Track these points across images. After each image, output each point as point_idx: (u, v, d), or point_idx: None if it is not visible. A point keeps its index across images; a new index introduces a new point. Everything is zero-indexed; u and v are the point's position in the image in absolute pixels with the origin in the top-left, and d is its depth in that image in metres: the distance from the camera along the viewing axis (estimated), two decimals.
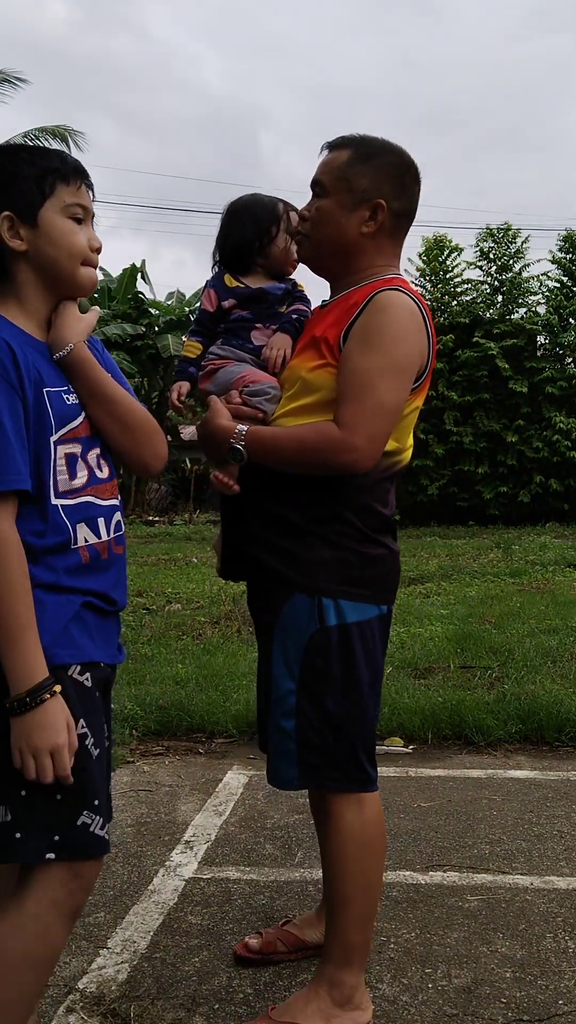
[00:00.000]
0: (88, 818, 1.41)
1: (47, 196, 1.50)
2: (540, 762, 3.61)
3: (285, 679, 1.79)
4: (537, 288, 20.80)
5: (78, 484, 1.51)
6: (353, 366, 1.73)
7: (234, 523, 1.96)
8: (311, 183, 1.90)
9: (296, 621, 1.79)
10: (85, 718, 1.44)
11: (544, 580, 8.97)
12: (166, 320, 24.08)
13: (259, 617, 1.96)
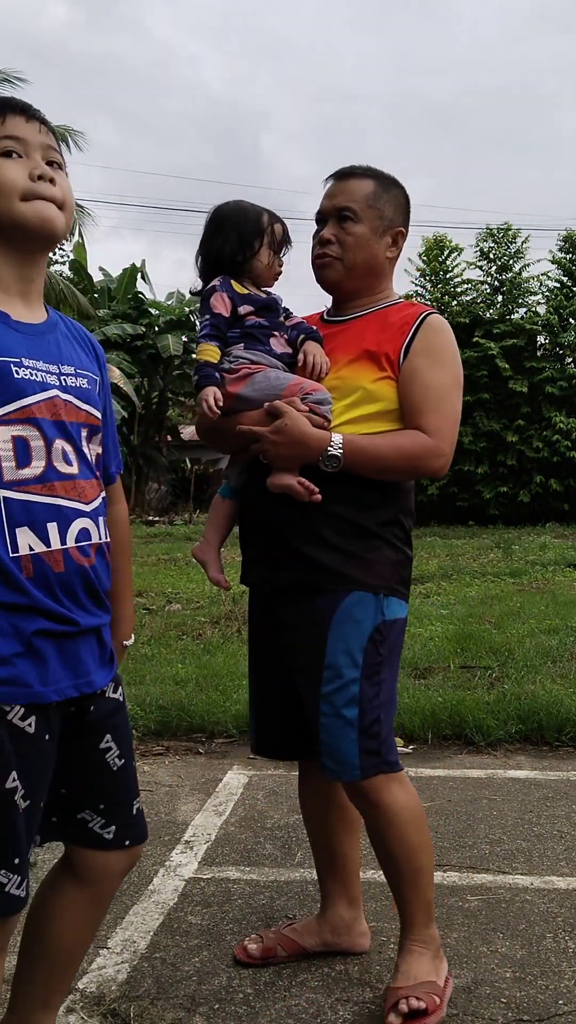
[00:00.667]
0: (5, 878, 1.29)
1: None
2: (540, 762, 3.61)
3: (349, 668, 1.86)
4: (537, 288, 20.82)
5: (28, 475, 1.32)
6: (428, 381, 1.91)
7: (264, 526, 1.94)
8: (337, 209, 2.00)
9: (361, 613, 1.88)
10: (18, 769, 1.30)
11: (544, 580, 8.97)
12: (166, 320, 24.07)
13: (296, 614, 1.91)
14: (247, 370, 1.91)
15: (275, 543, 1.92)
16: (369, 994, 1.96)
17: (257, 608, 2.06)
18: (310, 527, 1.88)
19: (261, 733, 2.10)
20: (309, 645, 1.89)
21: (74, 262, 22.56)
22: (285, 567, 1.91)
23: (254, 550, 1.99)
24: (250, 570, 2.01)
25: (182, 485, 26.92)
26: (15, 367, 1.34)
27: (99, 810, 1.49)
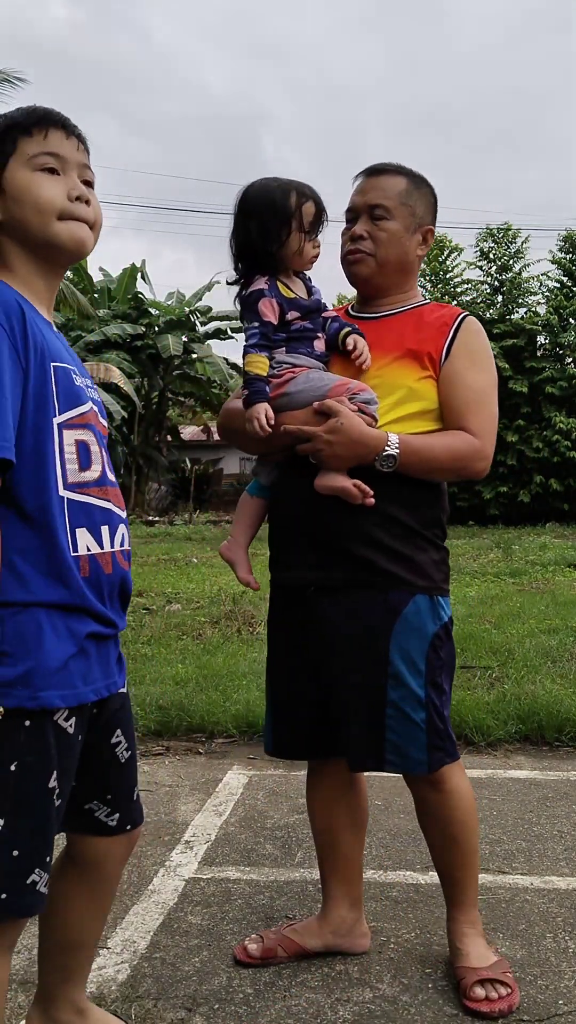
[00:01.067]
0: (38, 876, 1.32)
1: (9, 155, 1.35)
2: (540, 762, 3.61)
3: (413, 675, 1.90)
4: (537, 288, 20.84)
5: (89, 478, 1.37)
6: (471, 382, 1.94)
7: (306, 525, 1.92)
8: (370, 205, 1.99)
9: (420, 621, 1.91)
10: (59, 770, 1.33)
11: (544, 580, 8.97)
12: (166, 320, 24.07)
13: (345, 613, 1.90)
14: (290, 374, 1.88)
15: (321, 543, 1.90)
16: (369, 994, 1.96)
17: (288, 608, 2.01)
18: (360, 527, 1.87)
19: (282, 734, 2.07)
20: (365, 648, 1.89)
21: None
22: (333, 567, 1.89)
23: (293, 550, 1.96)
24: (288, 570, 1.98)
25: (182, 485, 26.93)
26: (73, 374, 1.38)
27: (106, 800, 1.54)
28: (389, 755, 1.91)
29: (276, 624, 2.08)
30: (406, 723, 1.90)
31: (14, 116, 1.39)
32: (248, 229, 1.87)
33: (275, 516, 2.01)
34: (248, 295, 1.88)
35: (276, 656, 2.08)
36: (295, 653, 2.01)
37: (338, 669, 1.93)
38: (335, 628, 1.91)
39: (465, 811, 2.00)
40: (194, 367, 24.38)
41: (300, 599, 1.96)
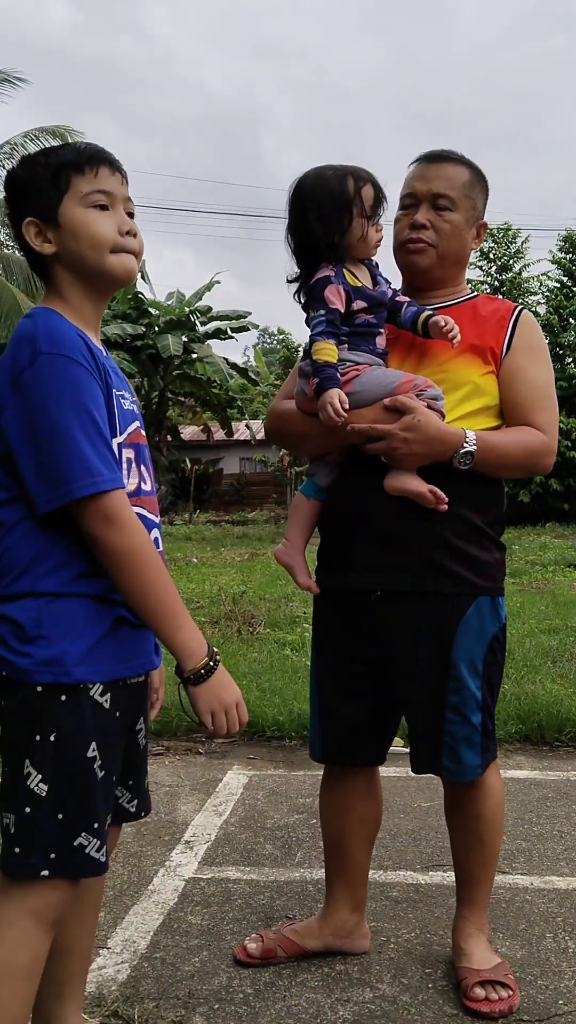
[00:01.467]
0: (85, 840, 1.40)
1: (64, 192, 1.45)
2: (540, 762, 3.62)
3: (472, 677, 1.89)
4: (537, 288, 20.83)
5: (130, 489, 1.48)
6: (533, 378, 1.93)
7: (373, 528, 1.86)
8: (435, 194, 1.93)
9: (482, 623, 1.89)
10: (97, 740, 1.41)
11: (544, 580, 8.97)
12: (166, 320, 24.07)
13: (412, 619, 1.87)
14: (354, 372, 1.82)
15: (389, 546, 1.85)
16: (369, 994, 1.96)
17: (344, 612, 1.95)
18: (431, 529, 1.83)
19: (332, 740, 2.01)
20: (427, 652, 1.87)
21: None
22: (402, 571, 1.85)
23: (357, 553, 1.89)
24: (349, 573, 1.91)
25: (182, 485, 26.93)
26: (121, 399, 1.49)
27: (128, 786, 1.62)
28: (446, 760, 1.91)
29: (327, 629, 2.00)
30: (464, 726, 1.89)
31: (66, 155, 1.48)
32: (308, 221, 1.81)
33: (335, 518, 1.94)
34: (314, 283, 1.81)
35: (327, 662, 2.00)
36: (350, 658, 1.95)
37: (399, 673, 1.91)
38: (398, 632, 1.88)
39: (495, 809, 2.01)
40: (194, 367, 24.38)
41: (360, 603, 1.90)
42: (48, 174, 1.46)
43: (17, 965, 1.37)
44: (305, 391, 1.87)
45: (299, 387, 1.92)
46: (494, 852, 2.04)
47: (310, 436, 1.91)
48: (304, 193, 1.82)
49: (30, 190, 1.47)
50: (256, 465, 28.66)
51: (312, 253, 1.84)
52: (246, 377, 24.76)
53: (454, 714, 1.89)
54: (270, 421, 2.07)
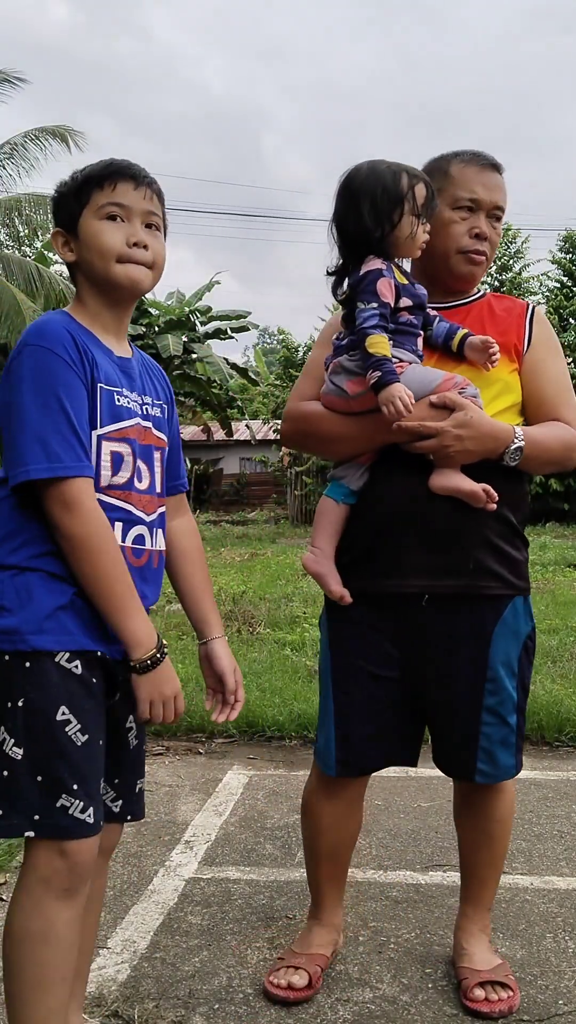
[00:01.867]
0: (67, 801, 1.44)
1: (84, 205, 1.55)
2: (540, 762, 3.62)
3: (508, 678, 1.87)
4: (537, 288, 20.83)
5: (116, 482, 1.54)
6: (555, 373, 1.93)
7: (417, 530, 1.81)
8: (495, 206, 1.96)
9: (516, 623, 1.88)
10: (67, 704, 1.46)
11: (544, 580, 8.97)
12: (166, 320, 24.07)
13: (453, 623, 1.84)
14: (399, 368, 1.77)
15: (436, 548, 1.81)
16: (369, 994, 1.96)
17: (376, 617, 1.88)
18: (476, 529, 1.81)
19: (351, 753, 1.92)
20: (467, 655, 1.84)
21: None
22: (448, 574, 1.81)
23: (402, 556, 1.82)
24: (394, 578, 1.84)
25: None
26: (117, 395, 1.55)
27: (113, 784, 1.64)
28: (481, 764, 1.88)
29: (351, 637, 1.91)
30: (502, 728, 1.87)
31: (92, 170, 1.57)
32: (359, 211, 1.78)
33: (372, 521, 1.85)
34: (364, 275, 1.77)
35: (349, 672, 1.92)
36: (379, 666, 1.89)
37: (433, 677, 1.87)
38: (437, 635, 1.85)
39: (508, 810, 2.00)
40: (194, 367, 24.38)
41: (401, 608, 1.85)
42: (73, 189, 1.57)
43: (31, 930, 1.44)
44: (346, 389, 1.81)
45: (335, 385, 1.84)
46: (503, 853, 2.04)
47: (346, 437, 1.84)
48: (358, 183, 1.80)
49: (61, 204, 1.59)
50: (256, 465, 28.66)
51: (360, 245, 1.81)
52: (246, 377, 24.76)
53: (492, 716, 1.87)
54: (292, 424, 1.97)
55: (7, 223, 13.91)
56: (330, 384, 1.86)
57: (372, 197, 1.78)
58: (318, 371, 1.94)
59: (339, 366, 1.83)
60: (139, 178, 1.57)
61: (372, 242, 1.79)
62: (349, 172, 1.83)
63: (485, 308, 1.98)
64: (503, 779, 1.92)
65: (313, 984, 1.94)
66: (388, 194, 1.77)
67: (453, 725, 1.90)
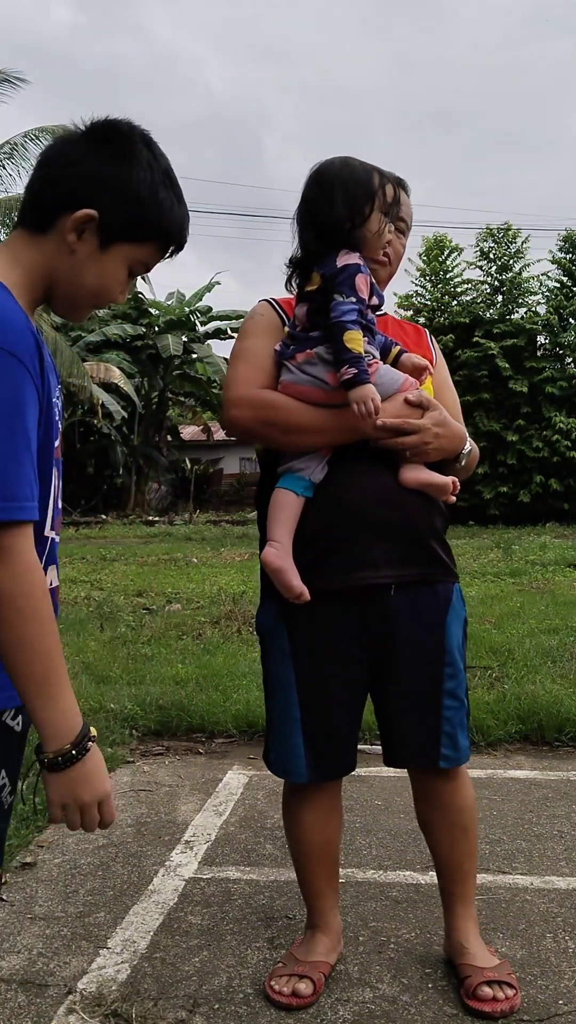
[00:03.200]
0: None
1: (132, 239, 1.30)
2: (540, 762, 3.61)
3: (460, 659, 1.96)
4: (537, 288, 20.84)
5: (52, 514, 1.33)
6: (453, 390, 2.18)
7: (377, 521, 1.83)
8: (403, 221, 2.07)
9: (459, 608, 1.98)
10: (6, 768, 1.31)
11: (544, 580, 8.97)
12: (166, 320, 24.08)
13: (412, 610, 1.88)
14: (376, 365, 1.80)
15: (398, 539, 1.85)
16: (369, 994, 1.96)
17: (336, 615, 1.86)
18: (430, 520, 1.91)
19: (322, 757, 1.92)
20: (426, 641, 1.90)
21: None
22: (409, 563, 1.87)
23: (367, 548, 1.83)
24: (361, 571, 1.83)
25: (182, 485, 26.93)
26: (57, 404, 1.32)
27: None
28: (445, 749, 1.92)
29: (312, 637, 1.89)
30: (459, 711, 1.94)
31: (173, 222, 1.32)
32: (332, 200, 1.78)
33: (334, 513, 1.83)
34: (344, 268, 1.76)
35: (312, 674, 1.89)
36: (343, 664, 1.89)
37: (399, 667, 1.90)
38: (402, 624, 1.88)
39: (471, 797, 2.04)
40: (194, 367, 24.38)
41: (365, 601, 1.85)
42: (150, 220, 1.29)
43: None
44: (327, 380, 1.79)
45: (310, 375, 1.82)
46: (476, 838, 2.06)
47: (316, 429, 1.82)
48: (332, 173, 1.81)
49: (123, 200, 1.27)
50: (256, 465, 28.67)
51: (331, 235, 1.80)
52: None
53: (452, 699, 1.92)
54: (252, 411, 1.85)
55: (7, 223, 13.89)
56: (301, 375, 1.82)
57: (345, 188, 1.78)
58: (262, 360, 1.90)
59: (316, 357, 1.80)
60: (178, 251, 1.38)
61: (342, 233, 1.79)
62: (322, 163, 1.84)
63: (394, 327, 2.08)
64: (463, 761, 1.96)
65: (317, 991, 1.94)
66: (360, 187, 1.79)
67: (418, 713, 1.92)
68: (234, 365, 1.94)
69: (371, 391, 1.70)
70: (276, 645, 1.93)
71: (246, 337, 1.96)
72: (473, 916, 2.05)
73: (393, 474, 1.86)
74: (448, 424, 1.88)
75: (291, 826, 2.06)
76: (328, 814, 2.03)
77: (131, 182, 1.27)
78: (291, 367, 1.84)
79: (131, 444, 23.88)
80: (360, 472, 1.84)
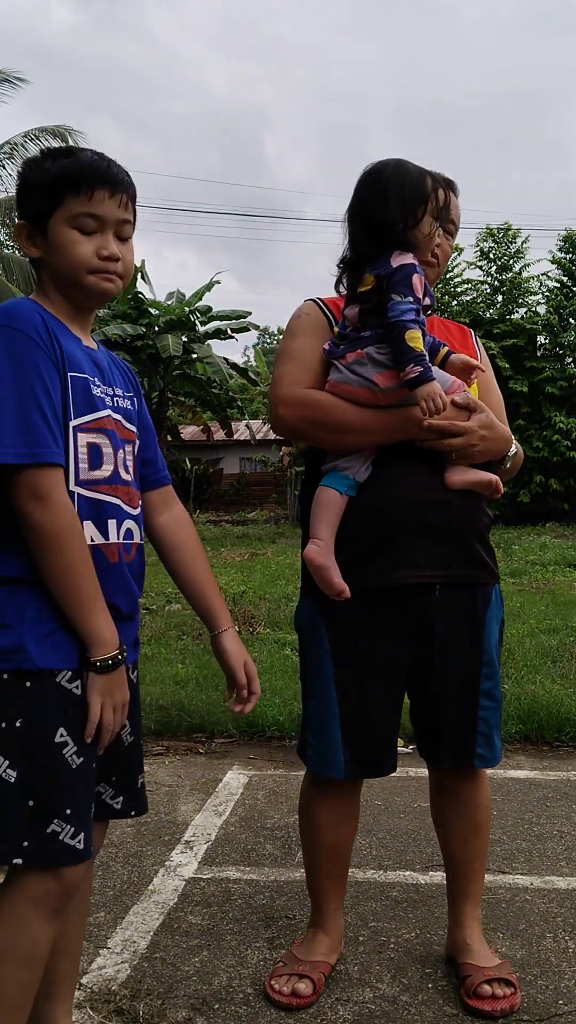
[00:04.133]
0: (58, 827, 1.39)
1: (54, 208, 1.47)
2: (540, 762, 3.62)
3: (497, 661, 1.98)
4: (537, 288, 20.83)
5: (99, 476, 1.48)
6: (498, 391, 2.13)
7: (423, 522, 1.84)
8: (452, 223, 2.03)
9: (498, 609, 2.01)
10: (66, 727, 1.41)
11: (544, 580, 8.98)
12: (166, 320, 24.08)
13: (454, 611, 1.90)
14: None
15: (443, 539, 1.85)
16: (369, 994, 1.96)
17: (378, 613, 1.87)
18: (475, 521, 1.91)
19: (360, 752, 1.92)
20: (466, 641, 1.92)
21: None
22: (453, 563, 1.87)
23: (412, 548, 1.83)
24: (405, 569, 1.84)
25: (182, 485, 26.92)
26: (92, 385, 1.50)
27: (111, 782, 1.61)
28: (480, 749, 1.95)
29: (354, 635, 1.89)
30: (495, 711, 1.96)
31: (67, 168, 1.47)
32: (387, 200, 1.81)
33: (384, 513, 1.84)
34: (400, 267, 1.78)
35: (353, 672, 1.90)
36: (384, 663, 1.89)
37: (437, 666, 1.91)
38: (441, 625, 1.89)
39: (488, 796, 2.06)
40: (194, 367, 24.37)
41: (409, 600, 1.86)
42: (45, 183, 1.47)
43: (16, 951, 1.39)
44: (376, 381, 1.80)
45: (358, 376, 1.82)
46: (487, 840, 2.08)
47: (362, 428, 1.83)
48: (387, 174, 1.83)
49: (26, 194, 1.50)
50: (256, 465, 28.67)
51: (385, 235, 1.82)
52: (246, 377, 24.75)
53: (488, 699, 1.95)
54: (296, 410, 1.88)
55: (7, 223, 13.90)
56: (350, 375, 1.83)
57: (400, 189, 1.81)
58: (310, 360, 1.91)
59: (367, 357, 1.81)
60: (116, 184, 1.48)
61: (395, 234, 1.81)
62: (376, 164, 1.87)
63: (440, 327, 2.05)
64: (497, 762, 1.99)
65: (317, 990, 1.94)
66: (414, 189, 1.81)
67: (456, 713, 1.94)
68: (281, 364, 1.95)
69: (437, 388, 1.73)
70: (315, 642, 1.95)
71: (293, 336, 1.97)
72: (478, 916, 2.06)
73: (437, 475, 1.85)
74: (494, 426, 1.87)
75: (307, 824, 2.06)
76: (345, 817, 2.04)
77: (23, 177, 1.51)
78: (340, 366, 1.85)
79: None
80: (404, 472, 1.85)
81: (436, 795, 2.10)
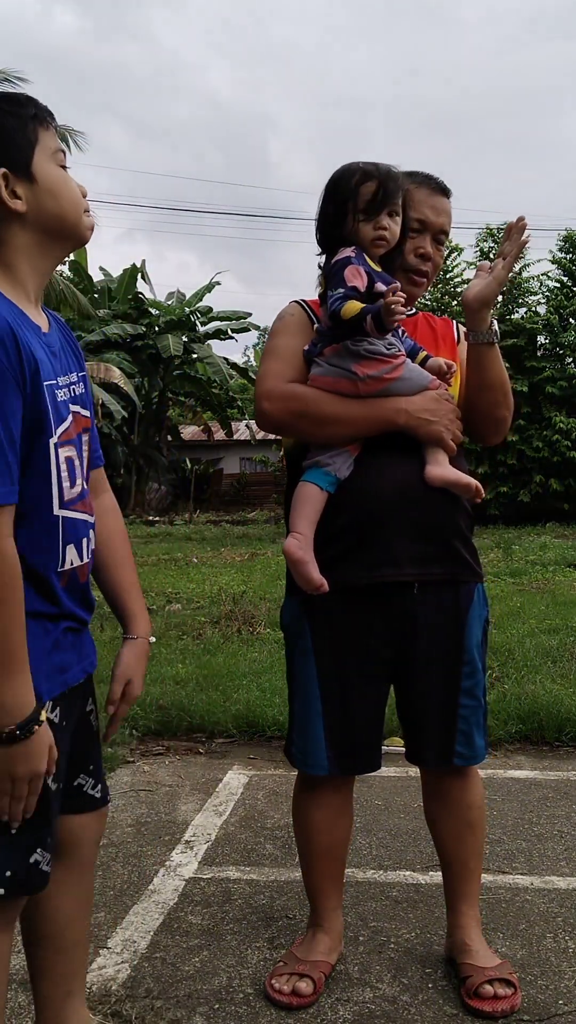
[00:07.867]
0: (40, 855, 1.37)
1: (34, 145, 1.35)
2: (540, 762, 3.62)
3: (479, 660, 1.97)
4: (537, 288, 20.80)
5: (75, 494, 1.40)
6: None
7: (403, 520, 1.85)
8: (441, 229, 2.05)
9: (481, 607, 1.99)
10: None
11: (544, 580, 8.97)
12: (166, 320, 24.08)
13: (435, 609, 1.89)
14: (403, 358, 1.86)
15: (423, 537, 1.87)
16: (369, 994, 1.96)
17: (358, 611, 1.88)
18: (455, 519, 1.92)
19: (343, 749, 1.93)
20: (446, 640, 1.92)
21: (74, 263, 22.56)
22: (434, 562, 1.88)
23: (392, 545, 1.85)
24: (385, 567, 1.85)
25: (182, 485, 26.91)
26: (56, 390, 1.37)
27: (90, 771, 1.59)
28: (460, 747, 1.95)
29: (334, 632, 1.91)
30: (476, 710, 1.96)
31: (26, 106, 1.38)
32: (323, 205, 1.90)
33: (364, 510, 1.85)
34: (333, 264, 1.84)
35: (335, 669, 1.91)
36: (365, 660, 1.91)
37: (418, 665, 1.92)
38: (421, 624, 1.89)
39: (480, 795, 2.05)
40: (194, 367, 24.38)
41: (388, 598, 1.87)
42: (17, 123, 1.35)
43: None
44: (355, 370, 1.84)
45: (338, 367, 1.85)
46: (484, 835, 2.08)
47: (346, 419, 1.85)
48: (330, 178, 1.91)
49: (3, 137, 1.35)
50: (256, 465, 28.65)
51: (327, 237, 1.91)
52: (246, 377, 24.76)
53: (469, 698, 1.95)
54: (282, 403, 1.89)
55: None
56: (329, 367, 1.88)
57: (332, 192, 1.88)
58: (293, 357, 1.95)
59: (343, 349, 1.85)
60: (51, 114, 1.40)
61: (332, 235, 1.89)
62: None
63: (425, 322, 2.09)
64: (479, 761, 1.98)
65: (317, 990, 1.94)
66: (333, 192, 1.87)
67: (435, 711, 1.94)
68: (265, 362, 1.99)
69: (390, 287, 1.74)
70: (298, 640, 1.97)
71: (277, 336, 2.02)
72: (476, 915, 2.05)
73: (418, 473, 1.87)
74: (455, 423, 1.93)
75: (300, 824, 2.06)
76: (338, 815, 2.03)
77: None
78: (320, 361, 1.91)
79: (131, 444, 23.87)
80: (384, 470, 1.87)
81: (427, 797, 2.10)
